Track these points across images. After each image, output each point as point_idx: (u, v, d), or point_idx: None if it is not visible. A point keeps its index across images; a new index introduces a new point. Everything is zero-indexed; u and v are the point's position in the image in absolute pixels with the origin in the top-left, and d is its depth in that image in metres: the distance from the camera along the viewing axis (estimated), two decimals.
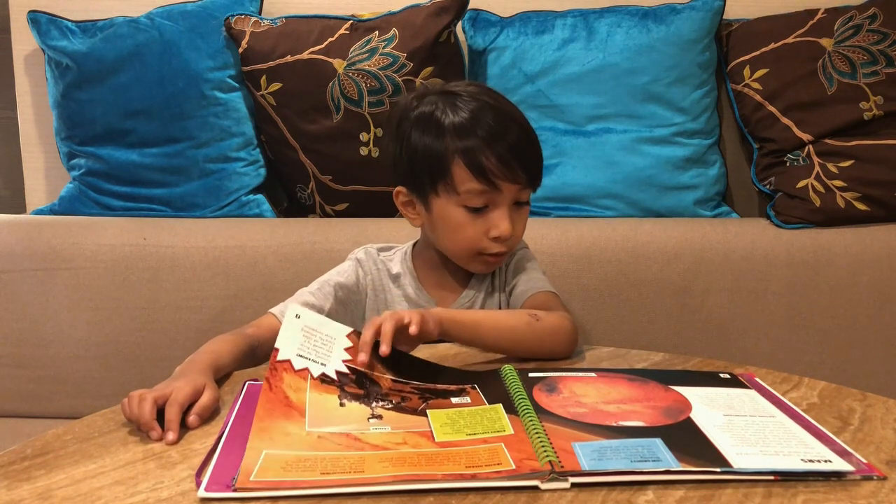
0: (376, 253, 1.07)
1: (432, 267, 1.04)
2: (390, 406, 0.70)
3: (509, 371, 0.78)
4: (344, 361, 0.76)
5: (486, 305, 1.03)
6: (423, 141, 0.94)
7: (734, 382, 0.77)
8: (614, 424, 0.66)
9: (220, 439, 0.64)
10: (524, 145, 0.93)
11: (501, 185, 0.92)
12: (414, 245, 1.07)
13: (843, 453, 0.61)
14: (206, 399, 0.72)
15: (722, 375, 0.79)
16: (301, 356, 0.75)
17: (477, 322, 0.86)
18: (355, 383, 0.74)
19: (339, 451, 0.61)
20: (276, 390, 0.70)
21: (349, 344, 0.78)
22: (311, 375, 0.73)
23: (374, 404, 0.71)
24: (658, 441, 0.62)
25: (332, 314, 0.98)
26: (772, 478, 0.58)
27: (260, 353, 0.89)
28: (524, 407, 0.68)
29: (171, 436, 0.66)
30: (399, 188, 1.00)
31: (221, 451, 0.62)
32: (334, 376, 0.74)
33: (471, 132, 0.91)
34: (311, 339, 0.77)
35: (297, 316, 0.80)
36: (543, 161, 0.97)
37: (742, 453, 0.61)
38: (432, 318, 0.81)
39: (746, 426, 0.66)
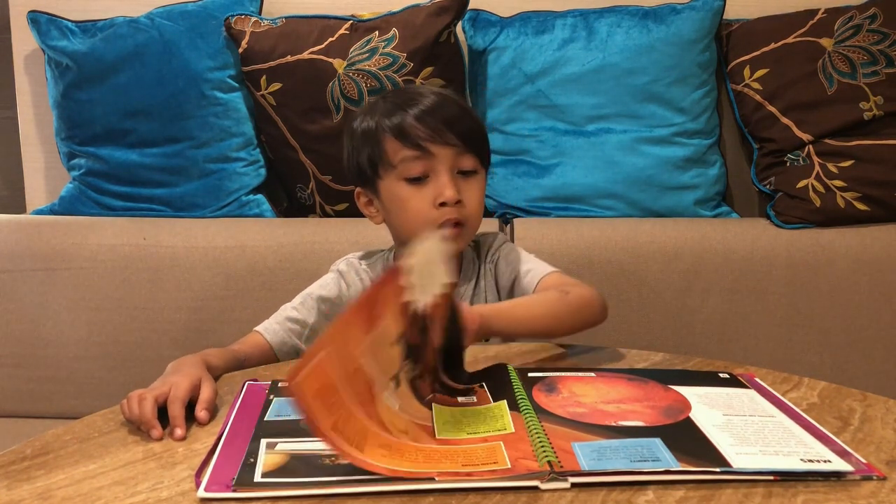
0: (358, 262, 1.05)
1: None
2: (412, 373, 0.67)
3: (510, 371, 0.78)
4: (429, 306, 0.68)
5: (473, 303, 1.01)
6: (360, 132, 0.98)
7: (734, 382, 0.77)
8: (614, 424, 0.66)
9: (220, 439, 0.64)
10: (445, 107, 0.95)
11: (432, 148, 0.93)
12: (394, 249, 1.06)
13: (842, 453, 0.61)
14: (206, 392, 0.72)
15: (721, 375, 0.79)
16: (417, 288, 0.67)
17: (514, 306, 0.86)
18: (416, 331, 0.67)
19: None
20: (383, 302, 0.63)
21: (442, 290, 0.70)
22: (407, 305, 0.66)
23: (404, 362, 0.66)
24: (657, 441, 0.62)
25: (316, 328, 0.98)
26: (771, 478, 0.58)
27: (247, 367, 0.89)
28: (524, 407, 0.68)
29: (178, 431, 0.66)
30: (357, 189, 1.02)
31: (221, 451, 0.62)
32: (419, 312, 0.67)
33: (396, 109, 0.96)
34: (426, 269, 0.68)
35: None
36: (487, 129, 1.01)
37: (742, 453, 0.60)
38: (471, 315, 0.77)
39: (746, 426, 0.66)
